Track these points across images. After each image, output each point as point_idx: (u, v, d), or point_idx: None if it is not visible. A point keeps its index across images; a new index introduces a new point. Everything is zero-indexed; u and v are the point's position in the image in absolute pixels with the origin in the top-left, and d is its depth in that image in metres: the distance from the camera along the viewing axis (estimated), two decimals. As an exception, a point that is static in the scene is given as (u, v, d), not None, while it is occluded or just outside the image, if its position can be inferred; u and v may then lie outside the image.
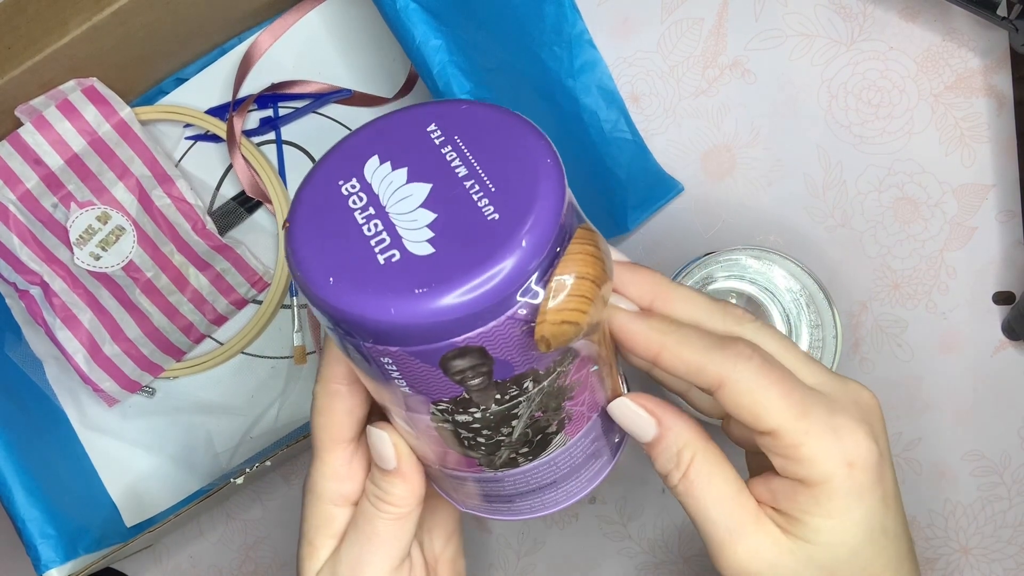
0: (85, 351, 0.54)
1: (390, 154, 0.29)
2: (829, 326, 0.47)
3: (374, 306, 0.26)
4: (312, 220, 0.28)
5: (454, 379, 0.28)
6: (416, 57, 0.48)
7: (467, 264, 0.26)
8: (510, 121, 0.30)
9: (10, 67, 0.49)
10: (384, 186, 0.28)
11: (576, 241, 0.28)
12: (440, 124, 0.30)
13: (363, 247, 0.27)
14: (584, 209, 0.31)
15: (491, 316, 0.26)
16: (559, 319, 0.27)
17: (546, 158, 0.28)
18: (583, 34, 0.55)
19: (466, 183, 0.28)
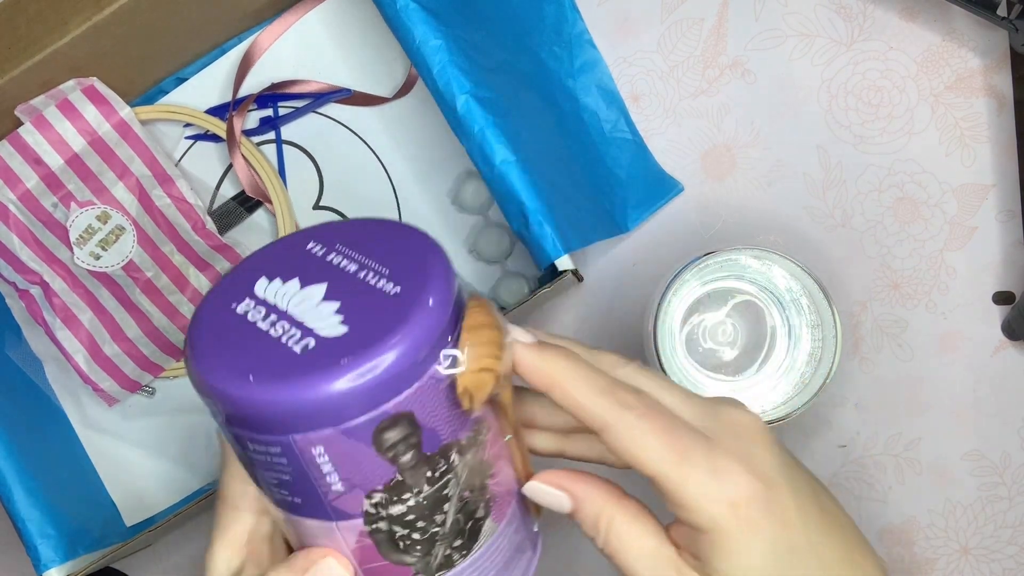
0: (85, 351, 0.54)
1: (277, 272, 0.30)
2: (829, 326, 0.47)
3: (302, 387, 0.27)
4: (214, 342, 0.29)
5: (387, 456, 0.28)
6: (416, 57, 0.48)
7: (384, 330, 0.27)
8: (379, 221, 0.32)
9: (10, 67, 0.49)
10: (280, 297, 0.29)
11: (472, 299, 0.30)
12: (318, 241, 0.31)
13: (275, 346, 0.28)
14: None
15: (414, 376, 0.28)
16: (477, 367, 0.29)
17: (425, 238, 0.31)
18: (583, 34, 0.55)
19: (359, 275, 0.29)
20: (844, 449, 0.54)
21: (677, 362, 0.50)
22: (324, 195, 0.57)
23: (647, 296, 0.54)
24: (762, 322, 0.51)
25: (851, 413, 0.54)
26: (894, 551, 0.53)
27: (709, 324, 0.52)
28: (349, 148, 0.57)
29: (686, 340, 0.51)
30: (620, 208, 0.54)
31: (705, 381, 0.51)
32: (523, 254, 0.56)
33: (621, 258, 0.55)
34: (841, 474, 0.53)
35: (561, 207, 0.48)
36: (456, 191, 0.56)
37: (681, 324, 0.51)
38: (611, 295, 0.55)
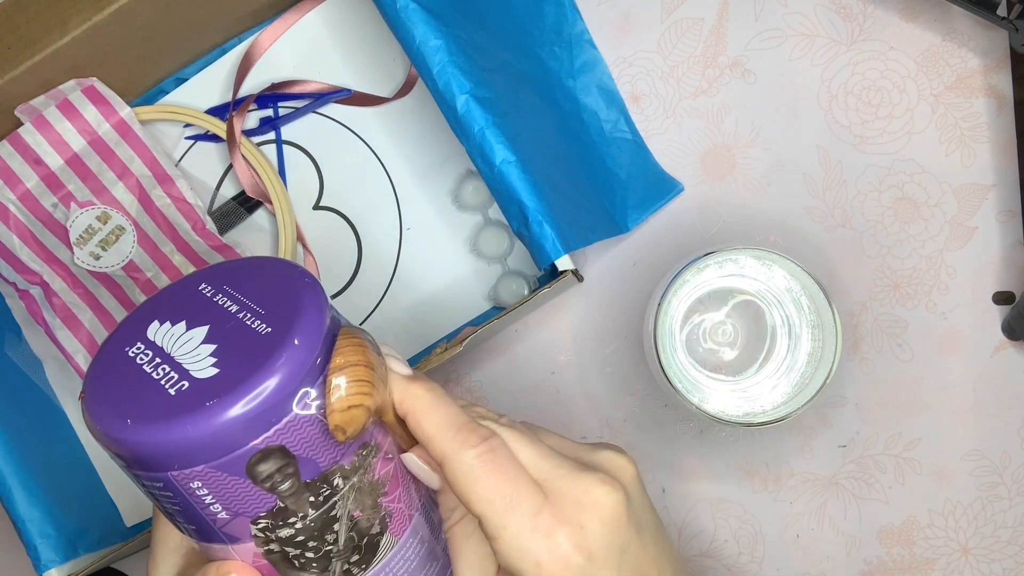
0: (85, 351, 0.54)
1: (168, 315, 0.33)
2: (829, 326, 0.47)
3: (171, 428, 0.28)
4: (104, 386, 0.31)
5: (264, 487, 0.29)
6: (416, 57, 0.48)
7: (249, 371, 0.29)
8: (268, 262, 0.34)
9: (10, 67, 0.49)
10: (167, 339, 0.32)
11: (343, 337, 0.31)
12: (209, 282, 0.33)
13: (154, 389, 0.30)
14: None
15: (281, 412, 0.29)
16: (346, 405, 0.30)
17: (304, 278, 0.32)
18: (583, 34, 0.55)
19: (239, 315, 0.31)
20: (844, 449, 0.54)
21: (677, 362, 0.50)
22: (324, 195, 0.57)
23: (647, 296, 0.54)
24: (762, 322, 0.51)
25: (851, 413, 0.54)
26: (894, 551, 0.53)
27: (709, 324, 0.52)
28: (349, 148, 0.57)
29: (686, 340, 0.51)
30: (620, 208, 0.54)
31: (705, 381, 0.51)
32: (523, 254, 0.56)
33: (621, 258, 0.55)
34: (841, 474, 0.53)
35: (561, 207, 0.48)
36: (456, 190, 0.56)
37: (681, 324, 0.51)
38: (611, 295, 0.55)
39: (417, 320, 0.56)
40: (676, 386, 0.47)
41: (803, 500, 0.54)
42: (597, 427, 0.55)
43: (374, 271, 0.57)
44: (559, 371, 0.56)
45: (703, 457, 0.54)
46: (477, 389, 0.56)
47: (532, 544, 0.31)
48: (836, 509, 0.53)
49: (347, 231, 0.57)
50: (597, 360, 0.55)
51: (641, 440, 0.55)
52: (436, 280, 0.56)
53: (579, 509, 0.32)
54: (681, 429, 0.55)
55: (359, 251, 0.57)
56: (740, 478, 0.54)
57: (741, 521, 0.54)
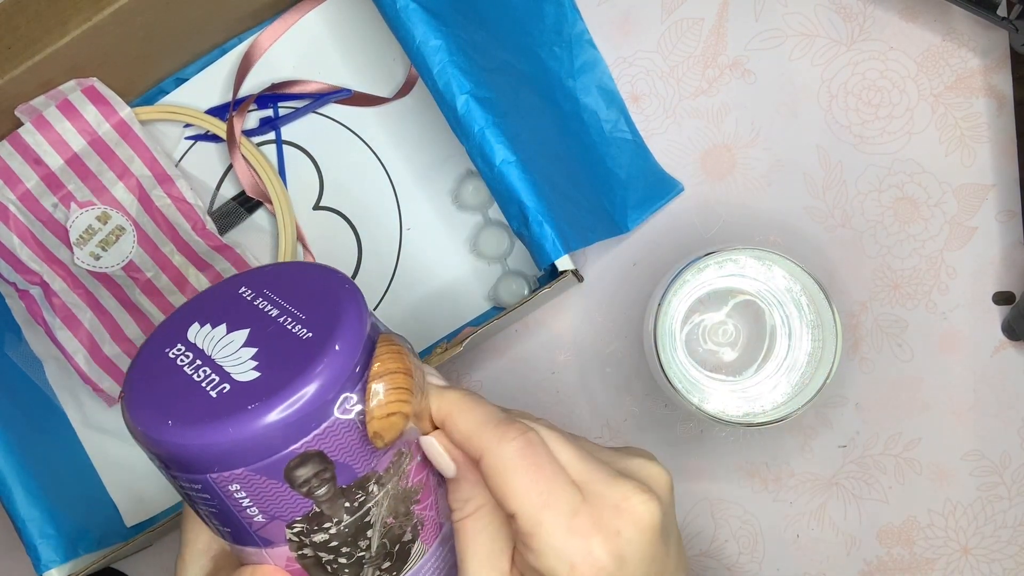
0: (85, 351, 0.54)
1: (209, 318, 0.33)
2: (829, 326, 0.47)
3: (212, 430, 0.28)
4: (145, 387, 0.31)
5: (301, 491, 0.30)
6: (416, 57, 0.48)
7: (291, 375, 0.29)
8: (308, 267, 0.34)
9: (10, 67, 0.49)
10: (207, 341, 0.32)
11: (382, 344, 0.31)
12: (249, 286, 0.34)
13: (195, 390, 0.30)
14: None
15: (321, 417, 0.29)
16: (385, 412, 0.30)
17: (344, 284, 0.32)
18: (583, 34, 0.55)
19: (280, 319, 0.31)
20: (844, 449, 0.54)
21: (677, 362, 0.50)
22: (324, 195, 0.57)
23: (647, 296, 0.54)
24: (762, 322, 0.51)
25: (851, 413, 0.54)
26: (894, 551, 0.53)
27: (709, 324, 0.52)
28: (349, 148, 0.57)
29: (686, 340, 0.51)
30: (620, 208, 0.54)
31: (705, 381, 0.51)
32: (523, 254, 0.56)
33: (621, 258, 0.55)
34: (841, 474, 0.53)
35: (561, 207, 0.48)
36: (456, 190, 0.56)
37: (681, 324, 0.51)
38: (611, 295, 0.55)
39: (417, 320, 0.56)
40: (676, 386, 0.47)
41: (803, 500, 0.54)
42: (597, 427, 0.55)
43: (374, 271, 0.57)
44: (559, 371, 0.56)
45: (703, 457, 0.54)
46: (477, 389, 0.56)
47: (567, 545, 0.31)
48: (836, 509, 0.53)
49: (347, 231, 0.57)
50: (597, 360, 0.56)
51: (641, 440, 0.55)
52: (436, 280, 0.56)
53: (616, 515, 0.32)
54: (681, 429, 0.55)
55: (359, 251, 0.57)
56: (740, 478, 0.54)
57: (741, 521, 0.54)
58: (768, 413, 0.48)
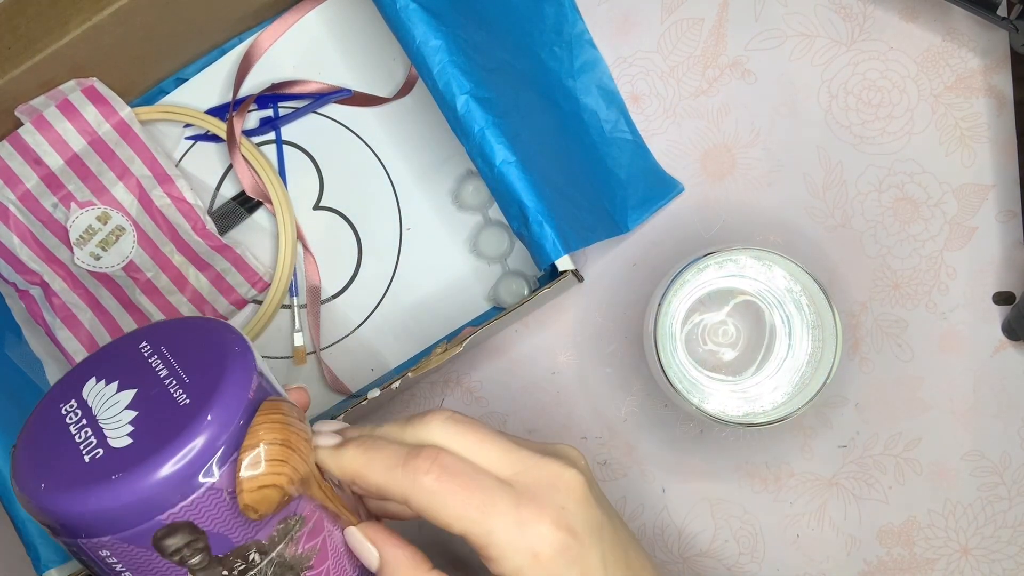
0: (85, 351, 0.54)
1: (105, 373, 0.33)
2: (829, 326, 0.47)
3: (77, 498, 0.28)
4: (33, 443, 0.31)
5: (173, 560, 0.29)
6: (416, 57, 0.48)
7: (159, 445, 0.29)
8: (208, 325, 0.34)
9: (10, 67, 0.49)
10: (98, 400, 0.32)
11: (261, 413, 0.31)
12: (149, 340, 0.33)
13: (73, 453, 0.30)
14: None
15: (188, 489, 0.29)
16: (256, 485, 0.29)
17: (234, 346, 0.32)
18: (583, 34, 0.55)
19: (166, 381, 0.31)
20: (844, 449, 0.54)
21: (677, 362, 0.50)
22: (324, 195, 0.57)
23: (647, 296, 0.54)
24: (762, 322, 0.51)
25: (851, 413, 0.54)
26: (894, 551, 0.53)
27: (709, 324, 0.52)
28: (349, 148, 0.57)
29: (686, 340, 0.51)
30: (620, 208, 0.54)
31: (705, 381, 0.51)
32: (523, 254, 0.56)
33: (621, 258, 0.55)
34: (841, 474, 0.53)
35: (561, 207, 0.48)
36: (456, 190, 0.56)
37: (681, 324, 0.51)
38: (611, 295, 0.55)
39: (417, 320, 0.56)
40: (676, 386, 0.47)
41: (803, 500, 0.54)
42: (597, 427, 0.55)
43: (374, 271, 0.57)
44: (559, 371, 0.56)
45: (703, 457, 0.54)
46: (477, 389, 0.56)
47: (523, 539, 0.32)
48: (836, 509, 0.53)
49: (347, 231, 0.57)
50: (597, 360, 0.56)
51: (641, 440, 0.55)
52: (436, 280, 0.56)
53: (554, 491, 0.33)
54: (681, 429, 0.55)
55: (359, 251, 0.57)
56: (740, 478, 0.54)
57: (741, 521, 0.54)
58: (768, 413, 0.48)
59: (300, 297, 0.57)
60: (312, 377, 0.57)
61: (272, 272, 0.57)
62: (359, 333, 0.57)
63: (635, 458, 0.55)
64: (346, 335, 0.57)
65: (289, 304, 0.58)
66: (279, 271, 0.56)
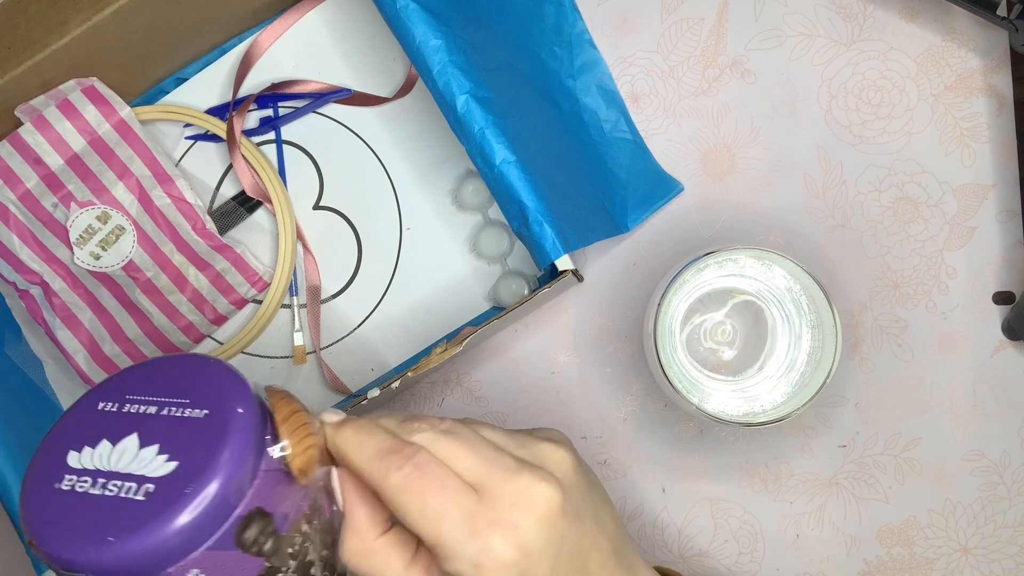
0: (85, 351, 0.54)
1: (82, 442, 0.32)
2: (829, 326, 0.47)
3: (159, 525, 0.29)
4: (55, 525, 0.30)
5: (252, 552, 0.31)
6: (416, 57, 0.48)
7: (210, 450, 0.30)
8: (153, 362, 0.34)
9: (10, 67, 0.49)
10: (98, 460, 0.31)
11: (272, 395, 0.34)
12: (106, 399, 0.33)
13: (117, 503, 0.30)
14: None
15: (252, 475, 0.31)
16: (303, 447, 0.32)
17: (200, 360, 0.33)
18: (583, 34, 0.55)
19: (162, 412, 0.32)
20: (844, 449, 0.54)
21: (677, 362, 0.50)
22: (324, 195, 0.57)
23: (647, 296, 0.54)
24: (762, 322, 0.51)
25: (851, 413, 0.54)
26: (894, 551, 0.53)
27: (709, 324, 0.52)
28: (349, 148, 0.57)
29: (686, 340, 0.51)
30: (620, 208, 0.54)
31: (705, 381, 0.51)
32: (523, 254, 0.56)
33: (621, 258, 0.55)
34: (841, 474, 0.53)
35: (561, 207, 0.48)
36: (456, 190, 0.56)
37: (681, 324, 0.51)
38: (611, 295, 0.55)
39: (417, 320, 0.56)
40: (676, 386, 0.47)
41: (803, 500, 0.54)
42: (597, 427, 0.55)
43: (374, 271, 0.57)
44: (559, 371, 0.56)
45: (703, 457, 0.54)
46: (477, 389, 0.56)
47: (469, 547, 0.33)
48: (836, 509, 0.53)
49: (347, 231, 0.57)
50: (597, 360, 0.56)
51: (641, 440, 0.55)
52: (436, 280, 0.56)
53: (514, 509, 0.34)
54: (681, 429, 0.55)
55: (359, 251, 0.57)
56: (740, 478, 0.54)
57: (741, 521, 0.54)
58: (768, 413, 0.48)
59: (300, 297, 0.57)
60: (312, 377, 0.57)
61: (272, 272, 0.57)
62: (359, 333, 0.57)
63: (635, 458, 0.55)
64: (346, 335, 0.57)
65: (289, 304, 0.58)
66: (279, 271, 0.56)
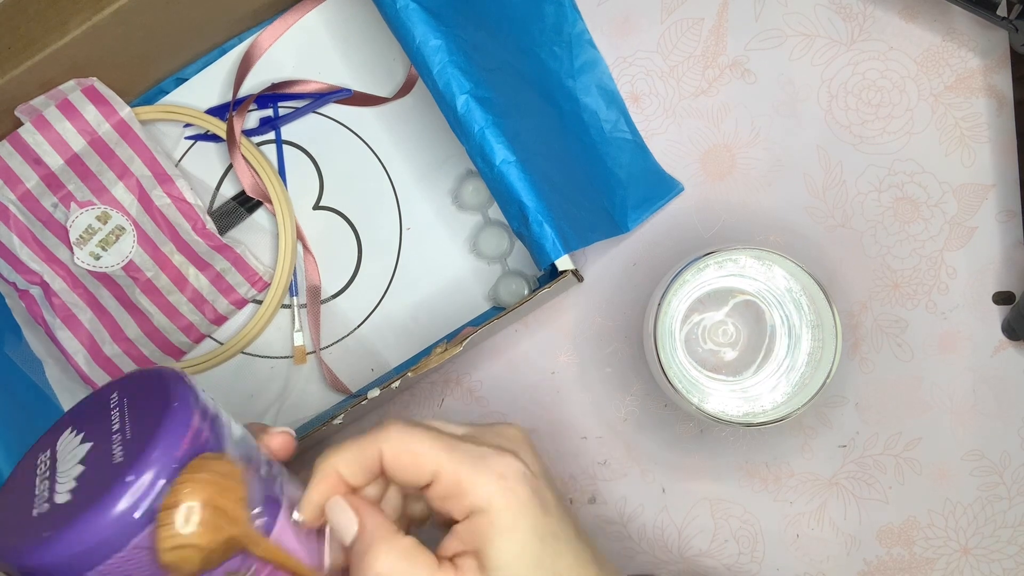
0: (85, 351, 0.54)
1: (78, 424, 0.34)
2: (829, 326, 0.47)
3: (13, 553, 0.29)
4: (8, 491, 0.33)
5: None
6: (416, 57, 0.48)
7: (89, 504, 0.29)
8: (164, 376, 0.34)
9: (10, 67, 0.49)
10: (64, 451, 0.33)
11: (188, 471, 0.30)
12: (119, 391, 0.34)
13: (27, 504, 0.31)
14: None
15: (113, 547, 0.29)
16: (172, 545, 0.30)
17: (173, 402, 0.32)
18: (583, 34, 0.55)
19: (114, 435, 0.32)
20: (844, 449, 0.54)
21: (677, 362, 0.50)
22: (324, 195, 0.57)
23: (647, 296, 0.54)
24: (762, 322, 0.51)
25: (851, 413, 0.54)
26: (894, 551, 0.53)
27: (709, 324, 0.52)
28: (349, 148, 0.57)
29: (686, 340, 0.51)
30: (620, 208, 0.54)
31: (705, 381, 0.51)
32: (523, 254, 0.56)
33: (621, 258, 0.55)
34: (841, 474, 0.53)
35: (561, 207, 0.48)
36: (456, 190, 0.56)
37: (681, 324, 0.51)
38: (611, 295, 0.55)
39: (417, 320, 0.56)
40: (676, 386, 0.47)
41: (803, 500, 0.54)
42: (597, 427, 0.55)
43: (374, 271, 0.57)
44: (559, 371, 0.56)
45: (703, 457, 0.54)
46: (477, 389, 0.56)
47: (487, 468, 0.35)
48: (836, 509, 0.53)
49: (347, 231, 0.57)
50: (597, 360, 0.56)
51: (641, 440, 0.55)
52: (436, 280, 0.56)
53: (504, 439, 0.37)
54: (681, 429, 0.55)
55: (359, 251, 0.57)
56: (740, 478, 0.54)
57: (741, 521, 0.54)
58: (768, 413, 0.48)
59: (300, 297, 0.57)
60: (312, 377, 0.57)
61: (272, 272, 0.57)
62: (359, 333, 0.57)
63: (635, 458, 0.55)
64: (346, 335, 0.57)
65: (289, 304, 0.58)
66: (279, 271, 0.56)
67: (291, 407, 0.57)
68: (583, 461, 0.55)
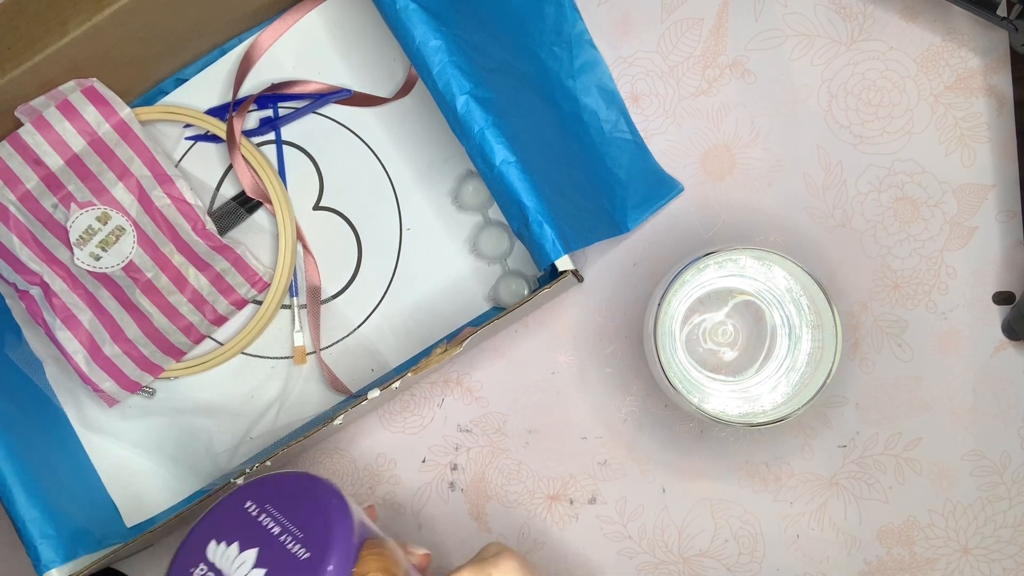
0: (85, 351, 0.54)
1: (223, 535, 0.38)
2: (829, 326, 0.47)
3: None
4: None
5: None
6: (416, 57, 0.48)
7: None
8: (305, 481, 0.40)
9: (10, 67, 0.49)
10: (224, 561, 0.38)
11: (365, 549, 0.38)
12: (253, 500, 0.39)
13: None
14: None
15: None
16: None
17: (332, 498, 0.38)
18: (583, 34, 0.55)
19: (281, 538, 0.37)
20: (844, 449, 0.54)
21: (677, 362, 0.50)
22: (324, 195, 0.57)
23: (647, 296, 0.54)
24: (762, 322, 0.51)
25: (851, 413, 0.54)
26: (894, 551, 0.53)
27: (709, 324, 0.52)
28: (349, 148, 0.57)
29: (686, 340, 0.51)
30: (620, 208, 0.54)
31: (705, 381, 0.51)
32: (523, 254, 0.56)
33: (621, 258, 0.55)
34: (841, 474, 0.53)
35: (561, 207, 0.48)
36: (456, 190, 0.56)
37: (681, 324, 0.51)
38: (611, 295, 0.55)
39: (417, 320, 0.56)
40: (676, 386, 0.47)
41: (803, 500, 0.54)
42: (597, 427, 0.55)
43: (374, 271, 0.57)
44: (559, 371, 0.56)
45: (703, 457, 0.54)
46: (477, 389, 0.56)
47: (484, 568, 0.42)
48: (836, 509, 0.53)
49: (347, 231, 0.57)
50: (597, 360, 0.56)
51: (641, 440, 0.55)
52: (436, 280, 0.56)
53: None
54: (681, 429, 0.55)
55: (359, 251, 0.57)
56: (740, 478, 0.54)
57: (741, 521, 0.54)
58: (768, 413, 0.48)
59: (300, 297, 0.57)
60: (312, 377, 0.57)
61: (272, 272, 0.57)
62: (359, 333, 0.57)
63: (635, 458, 0.55)
64: (346, 335, 0.57)
65: (289, 304, 0.58)
66: (279, 271, 0.56)
67: (291, 407, 0.57)
68: (583, 461, 0.55)
